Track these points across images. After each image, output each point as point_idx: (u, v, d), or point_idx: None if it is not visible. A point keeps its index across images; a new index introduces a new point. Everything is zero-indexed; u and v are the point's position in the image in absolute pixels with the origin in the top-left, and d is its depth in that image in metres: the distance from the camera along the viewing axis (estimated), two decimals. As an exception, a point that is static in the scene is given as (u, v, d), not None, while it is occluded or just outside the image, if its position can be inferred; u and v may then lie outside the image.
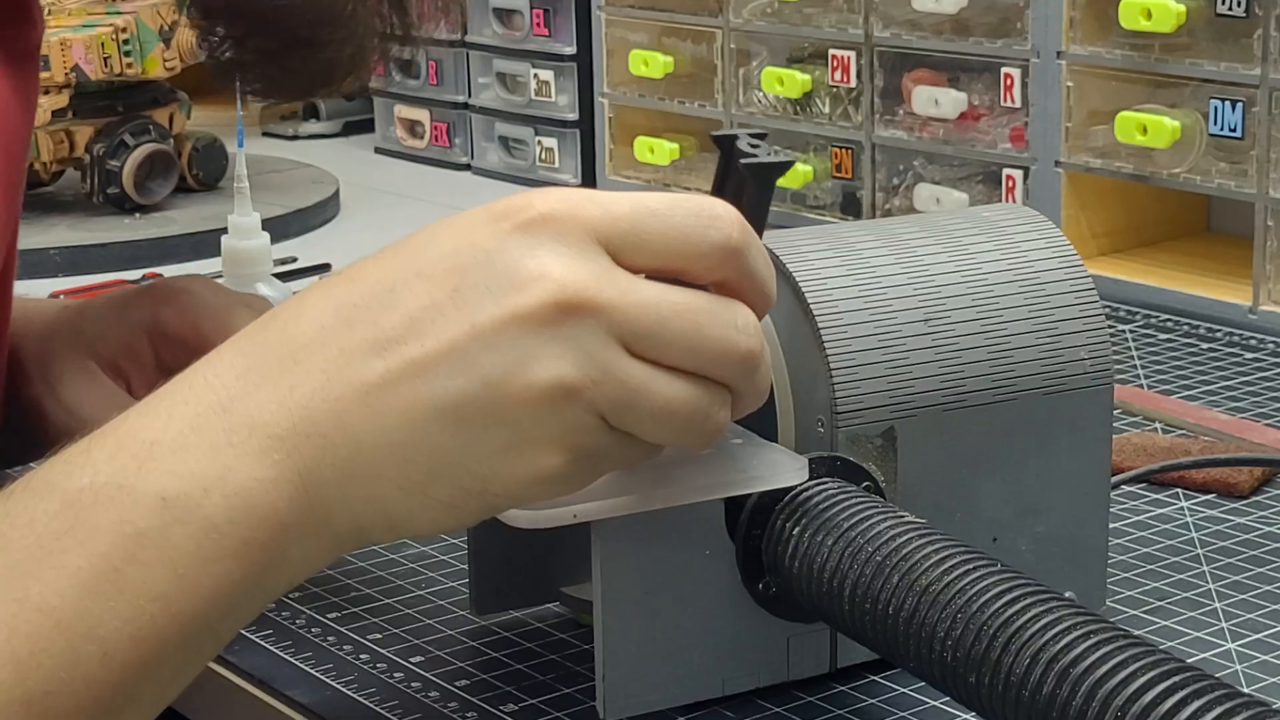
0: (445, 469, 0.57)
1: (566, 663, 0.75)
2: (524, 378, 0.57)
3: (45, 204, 1.59)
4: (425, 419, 0.57)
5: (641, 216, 0.59)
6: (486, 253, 0.57)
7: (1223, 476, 0.92)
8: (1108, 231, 1.36)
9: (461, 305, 0.57)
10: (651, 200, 0.59)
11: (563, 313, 0.57)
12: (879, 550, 0.64)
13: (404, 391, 0.57)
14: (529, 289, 0.57)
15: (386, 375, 0.57)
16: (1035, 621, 0.58)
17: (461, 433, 0.57)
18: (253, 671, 0.76)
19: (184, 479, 0.56)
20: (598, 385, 0.57)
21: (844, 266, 0.73)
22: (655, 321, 0.58)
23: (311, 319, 0.58)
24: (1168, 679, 0.54)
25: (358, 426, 0.57)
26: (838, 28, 1.44)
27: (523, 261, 0.57)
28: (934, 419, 0.72)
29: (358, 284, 0.58)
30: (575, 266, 0.57)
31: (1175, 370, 1.14)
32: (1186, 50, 1.24)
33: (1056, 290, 0.76)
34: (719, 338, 0.59)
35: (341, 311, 0.58)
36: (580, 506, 0.63)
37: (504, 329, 0.57)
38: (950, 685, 0.61)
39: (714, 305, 0.59)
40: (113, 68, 1.54)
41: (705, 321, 0.58)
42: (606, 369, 0.57)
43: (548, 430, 0.57)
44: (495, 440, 0.57)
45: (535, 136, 1.72)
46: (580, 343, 0.57)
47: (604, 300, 0.57)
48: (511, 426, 0.57)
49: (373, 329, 0.57)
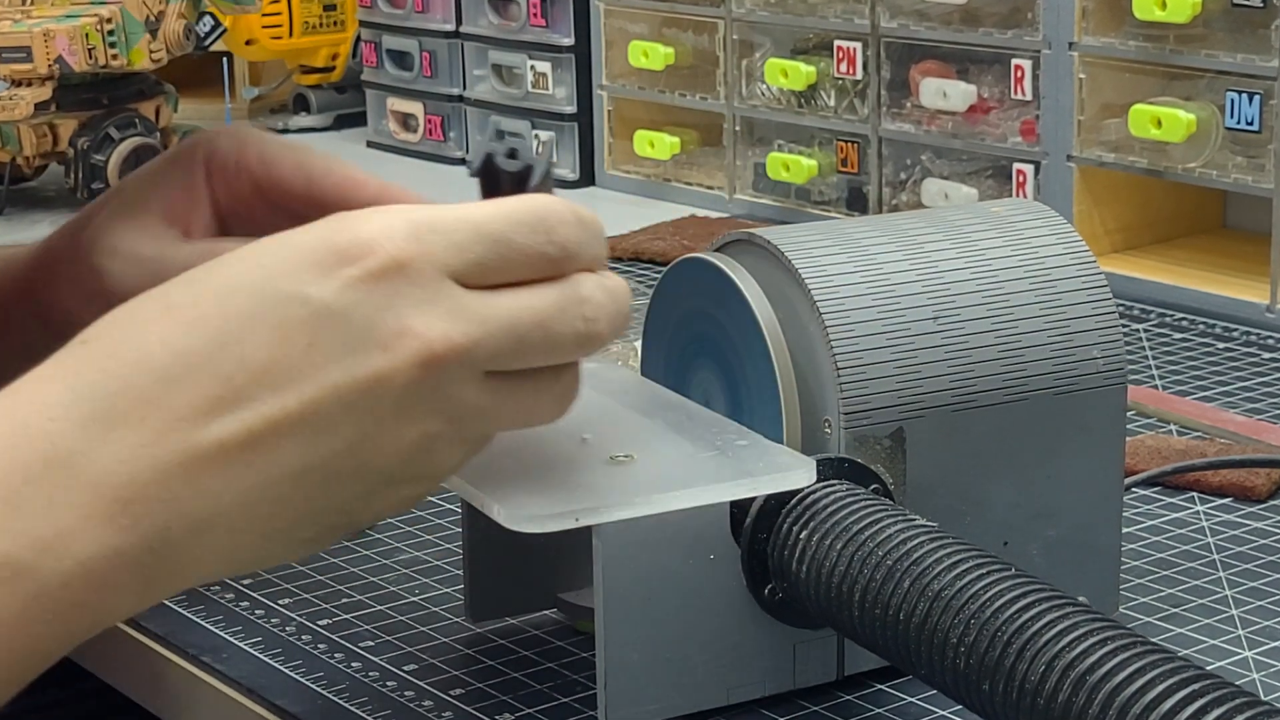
0: (312, 515, 0.57)
1: (565, 671, 0.75)
2: (394, 436, 0.57)
3: (28, 199, 1.59)
4: (291, 476, 0.56)
5: (486, 246, 0.58)
6: (341, 307, 0.56)
7: (1239, 479, 0.92)
8: (1121, 228, 1.36)
9: (319, 364, 0.56)
10: (491, 224, 0.59)
11: (430, 369, 0.56)
12: (889, 554, 0.64)
13: (265, 452, 0.56)
14: (393, 349, 0.56)
15: (246, 436, 0.55)
16: (1051, 627, 0.58)
17: (328, 486, 0.57)
18: (241, 680, 0.76)
19: (15, 539, 0.53)
20: (462, 424, 0.58)
21: (851, 264, 0.73)
22: (513, 341, 0.58)
23: (152, 368, 0.56)
24: (1186, 686, 0.54)
25: (216, 489, 0.55)
26: (843, 18, 1.44)
27: (382, 318, 0.56)
28: (943, 420, 0.72)
29: (197, 328, 0.56)
30: (436, 316, 0.57)
31: (1190, 370, 1.13)
32: (1202, 41, 1.24)
33: (1069, 288, 0.75)
34: (569, 335, 0.59)
35: (183, 360, 0.56)
36: (582, 510, 0.63)
37: (369, 392, 0.56)
38: (963, 693, 0.61)
39: (563, 300, 0.59)
40: (97, 59, 1.53)
41: (556, 324, 0.59)
42: (471, 406, 0.58)
43: (414, 471, 0.58)
44: (360, 487, 0.57)
45: (532, 130, 1.72)
46: (447, 393, 0.57)
47: (465, 344, 0.57)
48: (380, 474, 0.57)
49: (224, 385, 0.56)
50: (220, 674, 0.77)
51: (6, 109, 1.51)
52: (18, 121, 1.53)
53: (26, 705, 0.61)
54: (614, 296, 0.61)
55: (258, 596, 0.83)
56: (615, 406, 0.74)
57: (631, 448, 0.69)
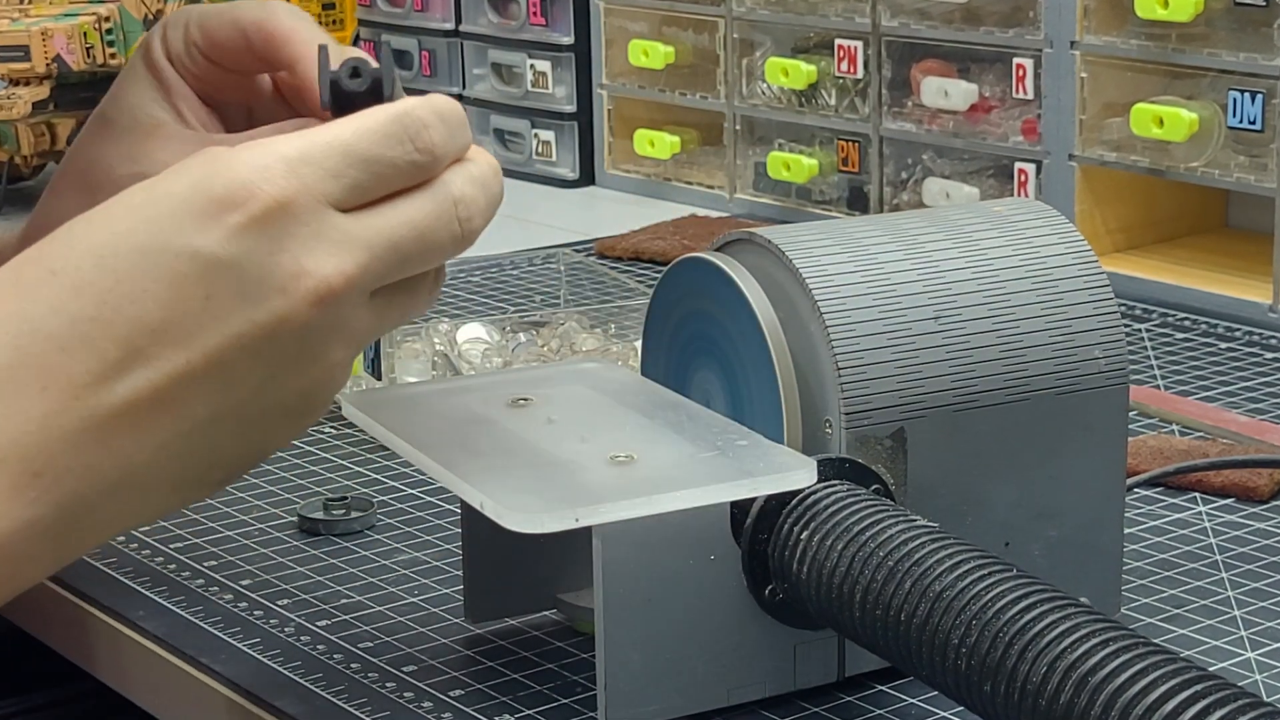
0: (222, 460, 0.59)
1: (565, 672, 0.75)
2: (299, 374, 0.58)
3: (26, 198, 1.59)
4: (200, 427, 0.57)
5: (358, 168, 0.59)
6: (231, 256, 0.56)
7: (1242, 480, 0.92)
8: (1123, 227, 1.36)
9: (219, 314, 0.56)
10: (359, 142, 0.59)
11: (327, 304, 0.58)
12: (890, 555, 0.64)
13: (174, 407, 0.56)
14: (289, 291, 0.57)
15: (153, 394, 0.56)
16: (1053, 628, 0.58)
17: (241, 430, 0.58)
18: (239, 681, 0.76)
19: None
20: (360, 344, 0.60)
21: (852, 263, 0.73)
22: (397, 259, 0.60)
23: (46, 336, 0.55)
24: (1189, 687, 0.54)
25: (128, 448, 0.56)
26: (844, 17, 1.44)
27: (275, 261, 0.57)
28: (945, 420, 0.72)
29: (85, 293, 0.56)
30: (326, 251, 0.58)
31: (1193, 370, 1.13)
32: (1204, 40, 1.24)
33: (1070, 287, 0.75)
34: (448, 237, 0.61)
35: (76, 327, 0.55)
36: (582, 510, 0.63)
37: (271, 334, 0.57)
38: (964, 694, 0.61)
39: (438, 207, 0.60)
40: (95, 58, 1.53)
41: (436, 234, 0.60)
42: (366, 329, 0.60)
43: (320, 398, 0.60)
44: (271, 425, 0.59)
45: (532, 129, 1.72)
46: (345, 322, 0.59)
47: (359, 270, 0.58)
48: (286, 411, 0.59)
49: (122, 347, 0.55)
50: (219, 675, 0.77)
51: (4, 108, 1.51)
52: (15, 121, 1.53)
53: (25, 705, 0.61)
54: (485, 187, 0.62)
55: (256, 597, 0.83)
56: (615, 406, 0.74)
57: (631, 448, 0.69)
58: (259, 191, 0.57)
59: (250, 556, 0.87)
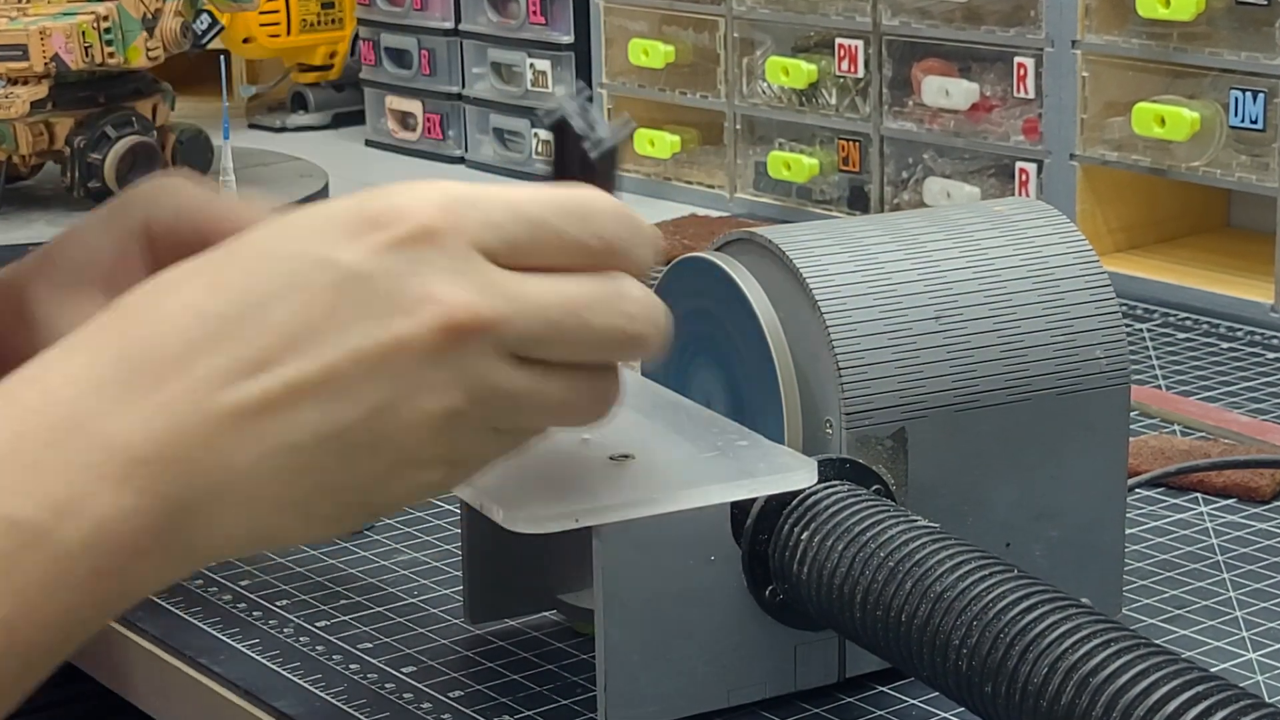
0: (328, 489, 0.57)
1: (565, 673, 0.75)
2: (412, 408, 0.56)
3: (24, 198, 1.59)
4: (307, 444, 0.56)
5: (522, 227, 0.58)
6: (366, 271, 0.56)
7: (1243, 480, 0.92)
8: (1124, 227, 1.36)
9: (341, 329, 0.56)
10: (532, 206, 0.58)
11: (451, 338, 0.56)
12: (891, 556, 0.64)
13: (283, 417, 0.55)
14: (415, 314, 0.56)
15: (264, 399, 0.55)
16: (1054, 629, 0.58)
17: (344, 457, 0.56)
18: (239, 682, 0.76)
19: (37, 502, 0.54)
20: (487, 404, 0.57)
21: (852, 263, 0.73)
22: (544, 324, 0.57)
23: (174, 329, 0.56)
24: (1190, 688, 0.54)
25: (232, 452, 0.55)
26: (845, 16, 1.44)
27: (406, 283, 0.56)
28: (945, 420, 0.72)
29: (221, 292, 0.56)
30: (461, 286, 0.56)
31: (1194, 370, 1.13)
32: (1206, 39, 1.24)
33: (1071, 287, 0.75)
34: (607, 328, 0.58)
35: (207, 324, 0.56)
36: (582, 511, 0.63)
37: (389, 357, 0.56)
38: (965, 695, 0.61)
39: (602, 293, 0.58)
40: (94, 57, 1.53)
41: (593, 315, 0.58)
42: (496, 387, 0.57)
43: (436, 452, 0.57)
44: (380, 463, 0.57)
45: (531, 129, 1.72)
46: (469, 366, 0.56)
47: (492, 317, 0.56)
48: (398, 450, 0.57)
49: (245, 347, 0.55)
50: (218, 676, 0.77)
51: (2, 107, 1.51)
52: (14, 120, 1.53)
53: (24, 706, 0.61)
54: (659, 306, 0.60)
55: (255, 598, 0.83)
56: (615, 407, 0.74)
57: (632, 448, 0.68)
58: (410, 216, 0.56)
59: (249, 557, 0.87)
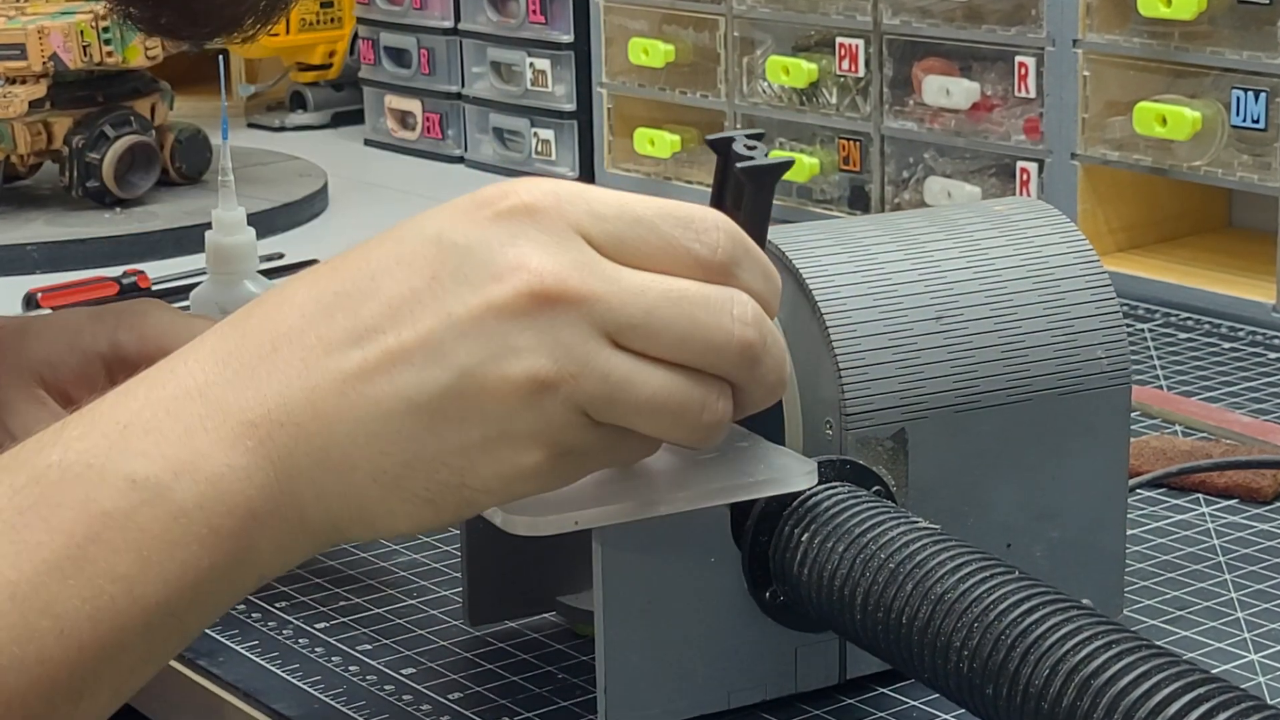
0: (420, 462, 0.58)
1: (564, 675, 0.75)
2: (499, 370, 0.57)
3: (22, 198, 1.59)
4: (400, 410, 0.57)
5: (627, 222, 0.59)
6: (466, 241, 0.58)
7: (1245, 480, 0.92)
8: (1125, 226, 1.36)
9: (438, 294, 0.57)
10: (639, 205, 0.59)
11: (540, 304, 0.57)
12: (892, 557, 0.64)
13: (379, 382, 0.57)
14: (506, 279, 0.57)
15: (363, 365, 0.57)
16: (1055, 631, 0.58)
17: (436, 425, 0.57)
18: (237, 684, 0.76)
19: (154, 461, 0.57)
20: (576, 379, 0.57)
21: (852, 263, 0.73)
22: (642, 310, 0.58)
23: (293, 306, 0.59)
24: (1192, 690, 0.54)
25: (332, 416, 0.57)
26: (845, 15, 1.44)
27: (501, 250, 0.58)
28: (946, 420, 0.72)
29: (340, 271, 0.59)
30: (555, 257, 0.57)
31: (1196, 370, 1.13)
32: (1208, 38, 1.24)
33: (1072, 287, 0.75)
34: (713, 326, 0.58)
35: (323, 299, 0.59)
36: (582, 513, 0.63)
37: (479, 320, 0.57)
38: (966, 697, 0.61)
39: (709, 293, 0.59)
40: (92, 56, 1.53)
41: (698, 310, 0.58)
42: (586, 362, 0.57)
43: (525, 425, 0.57)
44: (471, 434, 0.58)
45: (531, 128, 1.72)
46: (558, 335, 0.57)
47: (585, 291, 0.57)
48: (488, 420, 0.57)
49: (352, 317, 0.58)
50: (216, 678, 0.77)
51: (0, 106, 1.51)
52: (12, 119, 1.53)
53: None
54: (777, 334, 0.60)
55: (254, 599, 0.83)
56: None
57: (631, 449, 0.68)
58: (516, 194, 0.59)
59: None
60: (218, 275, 1.05)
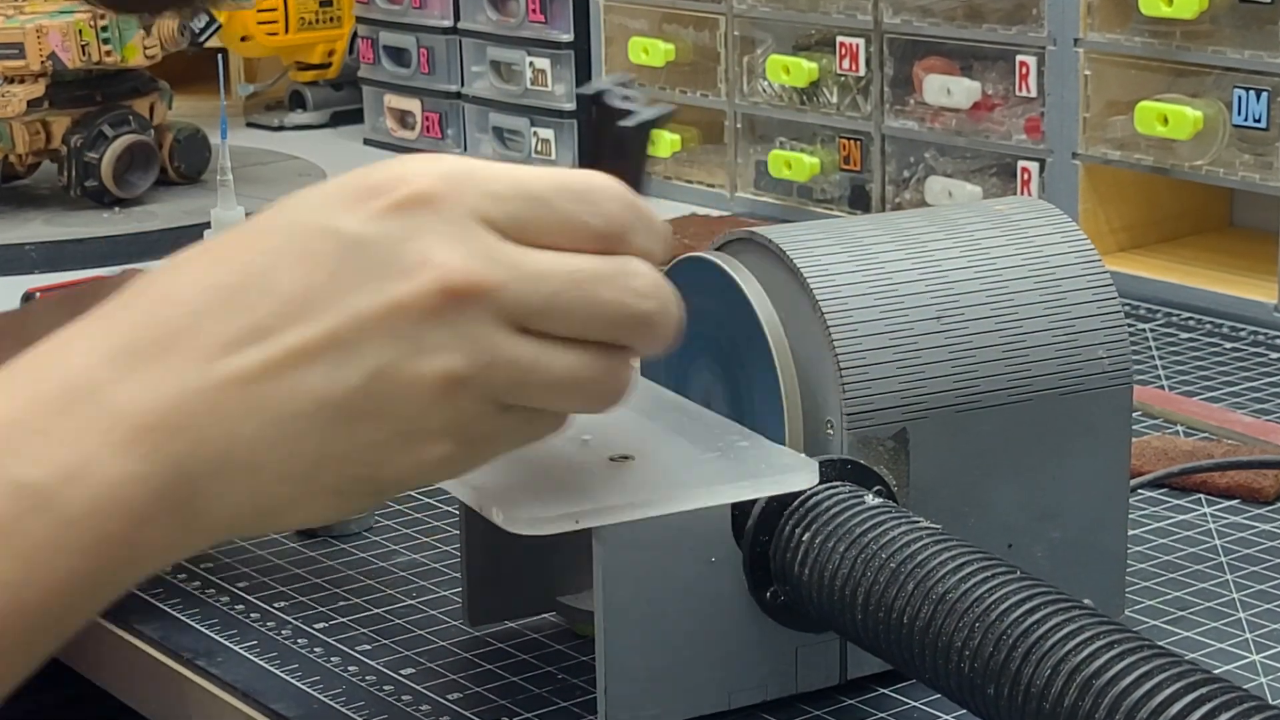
0: (330, 459, 0.57)
1: (564, 675, 0.75)
2: (411, 370, 0.56)
3: (21, 197, 1.59)
4: (307, 411, 0.56)
5: (524, 201, 0.58)
6: (364, 235, 0.57)
7: (1247, 481, 0.92)
8: (1127, 226, 1.36)
9: (340, 292, 0.56)
10: (534, 181, 0.58)
11: (448, 301, 0.56)
12: (893, 557, 0.64)
13: (284, 383, 0.56)
14: (413, 276, 0.56)
15: (265, 365, 0.56)
16: (1057, 631, 0.58)
17: (346, 424, 0.57)
18: (236, 684, 0.76)
19: (43, 466, 0.55)
20: (487, 370, 0.57)
21: (853, 263, 0.73)
22: (546, 296, 0.57)
23: (183, 300, 0.57)
24: (1193, 690, 0.54)
25: (235, 419, 0.56)
26: (846, 14, 1.44)
27: (403, 246, 0.56)
28: (947, 420, 0.72)
29: (229, 264, 0.57)
30: (457, 250, 0.57)
31: (1197, 370, 1.13)
32: (1209, 38, 1.24)
33: (1073, 287, 0.75)
34: (614, 302, 0.58)
35: (215, 294, 0.57)
36: (582, 513, 0.63)
37: (387, 319, 0.56)
38: (967, 697, 0.61)
39: (608, 268, 0.58)
40: (91, 56, 1.53)
41: (599, 289, 0.58)
42: (496, 353, 0.57)
43: (437, 420, 0.57)
44: (382, 431, 0.57)
45: (531, 127, 1.72)
46: (468, 331, 0.57)
47: (491, 282, 0.57)
48: (399, 418, 0.57)
49: (248, 315, 0.56)
50: (215, 678, 0.77)
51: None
52: (10, 119, 1.53)
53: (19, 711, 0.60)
54: (669, 289, 0.59)
55: (252, 599, 0.83)
56: (615, 407, 0.74)
57: (632, 449, 0.68)
58: (409, 182, 0.57)
59: (247, 559, 0.87)
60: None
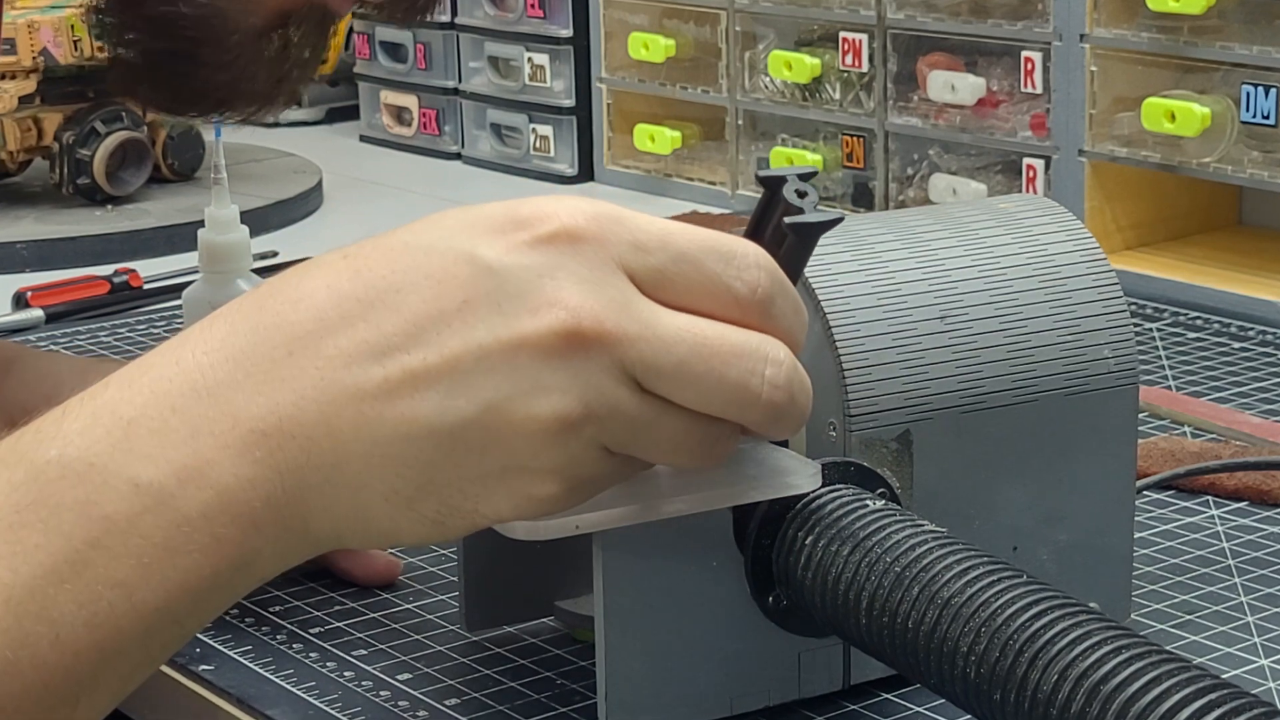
0: (435, 486, 0.58)
1: (564, 681, 0.75)
2: (526, 408, 0.57)
3: (12, 195, 1.59)
4: (419, 435, 0.57)
5: (670, 257, 0.58)
6: (502, 266, 0.57)
7: (1255, 482, 0.92)
8: (1134, 224, 1.36)
9: (469, 321, 0.57)
10: (681, 239, 0.59)
11: (573, 345, 0.57)
12: (897, 561, 0.64)
13: (399, 404, 0.57)
14: (541, 315, 0.57)
15: (383, 384, 0.57)
16: (1063, 636, 0.58)
17: (455, 453, 0.57)
18: (231, 690, 0.76)
19: (159, 465, 0.56)
20: (602, 421, 0.58)
21: (856, 262, 0.73)
22: (674, 361, 0.58)
23: (310, 307, 0.58)
24: (1202, 695, 0.54)
25: (347, 434, 0.57)
26: (849, 9, 1.44)
27: (538, 283, 0.57)
28: (951, 422, 0.72)
29: (362, 276, 0.58)
30: (592, 295, 0.57)
31: (1205, 371, 1.14)
32: (1217, 33, 1.24)
33: (1079, 286, 0.76)
34: (739, 385, 0.59)
35: (343, 305, 0.57)
36: (582, 517, 0.63)
37: (510, 354, 0.56)
38: (973, 703, 0.61)
39: (741, 347, 0.59)
40: (83, 51, 1.54)
41: (727, 366, 0.58)
42: (614, 406, 0.57)
43: (546, 461, 0.58)
44: (490, 464, 0.57)
45: (529, 124, 1.72)
46: (588, 377, 0.57)
47: (620, 334, 0.57)
48: (509, 453, 0.57)
49: (374, 331, 0.57)
50: (210, 684, 0.77)
51: (-10, 102, 1.51)
52: (1, 115, 1.53)
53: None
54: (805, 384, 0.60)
55: (248, 604, 0.83)
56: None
57: (632, 451, 0.68)
58: (556, 218, 0.58)
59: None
60: (210, 274, 1.04)
